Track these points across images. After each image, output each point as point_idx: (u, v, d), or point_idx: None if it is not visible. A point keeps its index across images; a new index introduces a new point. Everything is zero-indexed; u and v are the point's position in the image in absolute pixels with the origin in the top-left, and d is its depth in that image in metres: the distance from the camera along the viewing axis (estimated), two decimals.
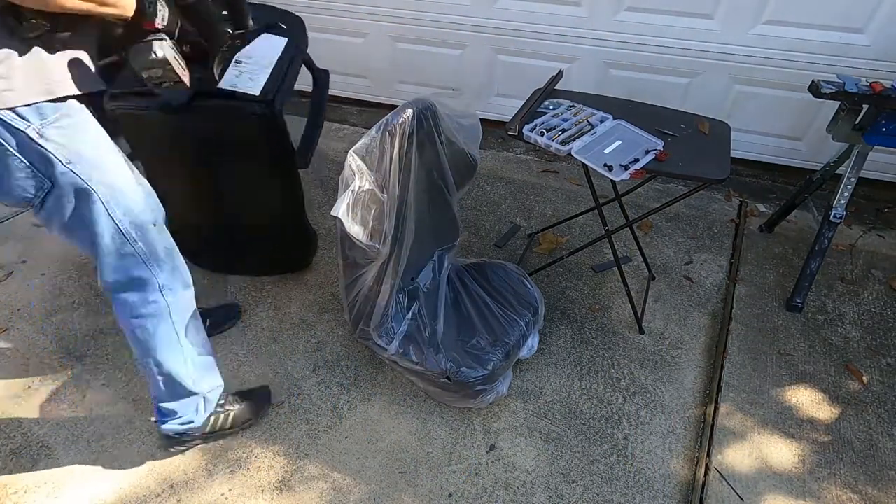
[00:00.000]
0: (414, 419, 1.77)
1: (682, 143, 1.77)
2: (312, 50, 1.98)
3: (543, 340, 1.99)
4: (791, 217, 2.45)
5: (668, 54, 2.59)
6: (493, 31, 2.81)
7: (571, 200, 2.67)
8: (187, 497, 1.58)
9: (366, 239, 1.49)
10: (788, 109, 2.57)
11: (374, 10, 2.94)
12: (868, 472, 1.64)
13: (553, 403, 1.81)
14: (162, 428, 1.58)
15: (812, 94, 1.89)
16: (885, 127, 1.87)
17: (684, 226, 2.52)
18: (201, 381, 1.56)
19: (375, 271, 1.62)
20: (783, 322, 2.07)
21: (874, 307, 2.13)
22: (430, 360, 1.64)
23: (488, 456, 1.67)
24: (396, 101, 2.51)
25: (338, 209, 1.41)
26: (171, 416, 1.56)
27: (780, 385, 1.86)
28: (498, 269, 1.92)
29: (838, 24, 2.30)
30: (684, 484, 1.61)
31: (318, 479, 1.62)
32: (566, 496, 1.58)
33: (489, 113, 3.04)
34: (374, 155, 1.44)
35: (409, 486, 1.60)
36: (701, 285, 2.23)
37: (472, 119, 1.69)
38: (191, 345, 1.50)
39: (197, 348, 1.52)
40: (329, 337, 2.02)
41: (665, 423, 1.76)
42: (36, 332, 1.96)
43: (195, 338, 1.52)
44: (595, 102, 1.92)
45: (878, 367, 1.92)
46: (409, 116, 1.46)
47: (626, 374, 1.90)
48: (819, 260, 2.06)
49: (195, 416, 1.59)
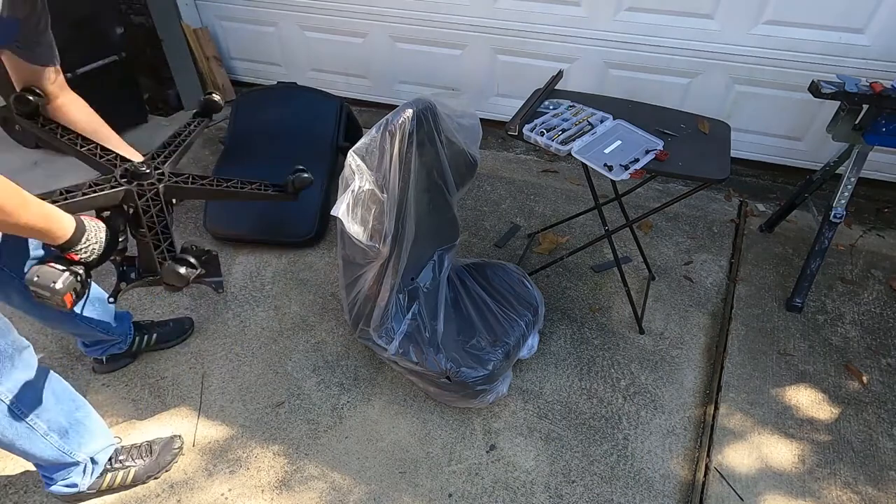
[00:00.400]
0: (414, 419, 1.77)
1: (682, 143, 1.77)
2: (313, 49, 1.98)
3: (543, 340, 1.99)
4: (791, 217, 2.45)
5: (668, 54, 2.59)
6: (493, 31, 2.81)
7: (571, 200, 2.67)
8: (187, 497, 1.58)
9: (366, 239, 1.49)
10: (788, 109, 2.57)
11: (374, 10, 2.94)
12: (868, 472, 1.64)
13: (553, 403, 1.81)
14: (50, 489, 1.48)
15: (812, 94, 1.89)
16: (885, 127, 1.87)
17: (684, 226, 2.52)
18: (78, 449, 1.43)
19: (375, 271, 1.62)
20: (783, 322, 2.07)
21: (874, 307, 2.13)
22: (430, 360, 1.64)
23: (488, 456, 1.67)
24: (396, 101, 2.52)
25: (338, 209, 1.41)
26: (53, 481, 1.46)
27: (780, 385, 1.86)
28: (498, 269, 1.92)
29: (838, 25, 2.30)
30: (684, 484, 1.61)
31: (317, 479, 1.62)
32: (566, 496, 1.58)
33: (489, 113, 3.04)
34: (374, 155, 1.44)
35: (409, 486, 1.60)
36: (701, 285, 2.23)
37: (472, 119, 1.68)
38: (48, 423, 1.34)
39: (61, 419, 1.37)
40: (329, 337, 2.02)
41: (665, 423, 1.76)
42: (36, 332, 1.96)
43: (56, 409, 1.36)
44: (595, 102, 1.92)
45: (878, 367, 1.92)
46: (409, 116, 1.46)
47: (626, 374, 1.90)
48: (819, 260, 2.06)
49: (80, 480, 1.49)
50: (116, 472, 1.55)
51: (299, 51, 3.27)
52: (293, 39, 3.23)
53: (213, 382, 1.86)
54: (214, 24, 3.39)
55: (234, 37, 3.42)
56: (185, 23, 3.27)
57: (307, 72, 3.35)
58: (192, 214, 2.57)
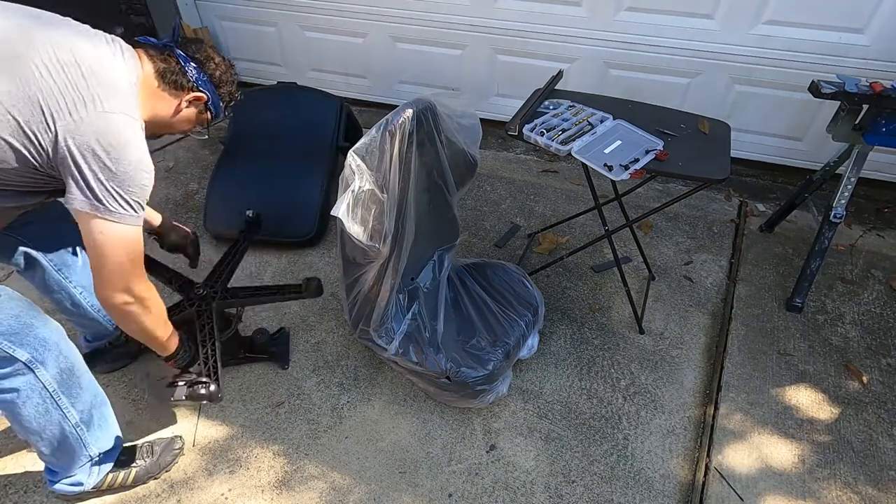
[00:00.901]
0: (414, 419, 1.77)
1: (682, 143, 1.77)
2: (313, 49, 1.98)
3: (543, 340, 1.99)
4: (791, 217, 2.45)
5: (667, 54, 2.59)
6: (493, 32, 2.81)
7: (571, 200, 2.67)
8: (187, 497, 1.58)
9: (366, 239, 1.49)
10: (788, 109, 2.57)
11: (374, 10, 2.94)
12: (868, 472, 1.64)
13: (553, 403, 1.81)
14: (52, 488, 1.47)
15: (812, 94, 1.89)
16: (885, 127, 1.87)
17: (684, 226, 2.52)
18: (95, 443, 1.44)
19: (375, 271, 1.62)
20: (783, 322, 2.07)
21: (874, 307, 2.13)
22: (430, 360, 1.64)
23: (488, 456, 1.67)
24: (396, 101, 2.52)
25: (338, 209, 1.41)
26: (59, 475, 1.46)
27: (780, 385, 1.86)
28: (498, 269, 1.92)
29: (838, 24, 2.30)
30: (684, 484, 1.61)
31: (317, 479, 1.62)
32: (566, 496, 1.58)
33: (489, 113, 3.04)
34: (374, 155, 1.44)
35: (409, 486, 1.60)
36: (701, 285, 2.23)
37: (472, 119, 1.69)
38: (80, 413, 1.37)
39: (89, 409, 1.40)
40: (329, 337, 2.02)
41: (665, 423, 1.76)
42: None
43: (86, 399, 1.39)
44: (595, 102, 1.92)
45: (878, 367, 1.92)
46: (409, 116, 1.46)
47: (626, 374, 1.90)
48: (819, 260, 2.06)
49: (85, 479, 1.48)
50: (118, 472, 1.55)
51: (299, 51, 3.27)
52: (293, 39, 3.23)
53: None
54: (214, 24, 3.39)
55: (234, 37, 3.42)
56: (185, 23, 3.27)
57: (307, 72, 3.35)
58: (193, 215, 2.57)
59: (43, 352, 1.24)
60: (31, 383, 1.25)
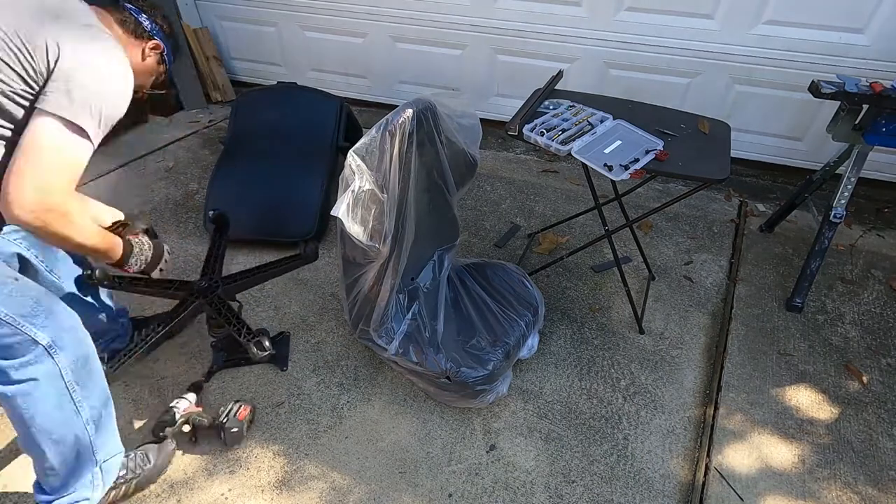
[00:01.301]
0: (414, 419, 1.77)
1: (682, 143, 1.77)
2: (313, 49, 1.99)
3: (543, 340, 1.99)
4: (791, 217, 2.45)
5: (667, 54, 2.59)
6: (493, 32, 2.82)
7: (571, 200, 2.67)
8: (187, 497, 1.58)
9: (366, 239, 1.49)
10: (788, 109, 2.58)
11: (374, 10, 2.94)
12: (868, 472, 1.64)
13: (553, 403, 1.81)
14: None
15: (812, 94, 1.89)
16: (885, 127, 1.87)
17: (684, 226, 2.52)
18: (101, 448, 1.35)
19: (375, 271, 1.62)
20: (783, 322, 2.07)
21: (874, 307, 2.13)
22: (430, 360, 1.64)
23: (488, 456, 1.67)
24: (396, 101, 2.52)
25: (338, 209, 1.41)
26: (58, 492, 1.33)
27: (780, 385, 1.86)
28: (498, 269, 1.92)
29: (838, 24, 2.30)
30: (684, 484, 1.61)
31: (317, 479, 1.62)
32: (566, 496, 1.58)
33: (489, 113, 3.05)
34: (374, 155, 1.44)
35: (409, 486, 1.60)
36: (701, 285, 2.23)
37: (472, 119, 1.69)
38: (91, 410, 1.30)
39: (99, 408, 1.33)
40: (329, 337, 2.02)
41: (665, 423, 1.76)
42: None
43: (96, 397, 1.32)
44: (595, 102, 1.92)
45: (878, 367, 1.92)
46: (409, 116, 1.46)
47: (626, 374, 1.90)
48: (819, 260, 2.06)
49: (90, 493, 1.36)
50: (119, 487, 1.49)
51: (299, 51, 3.27)
52: (293, 39, 3.23)
53: (212, 382, 1.86)
54: (214, 24, 3.39)
55: (234, 37, 3.42)
56: (185, 23, 3.27)
57: (307, 72, 3.35)
58: (193, 215, 2.57)
59: (63, 336, 1.22)
60: (49, 372, 1.21)
